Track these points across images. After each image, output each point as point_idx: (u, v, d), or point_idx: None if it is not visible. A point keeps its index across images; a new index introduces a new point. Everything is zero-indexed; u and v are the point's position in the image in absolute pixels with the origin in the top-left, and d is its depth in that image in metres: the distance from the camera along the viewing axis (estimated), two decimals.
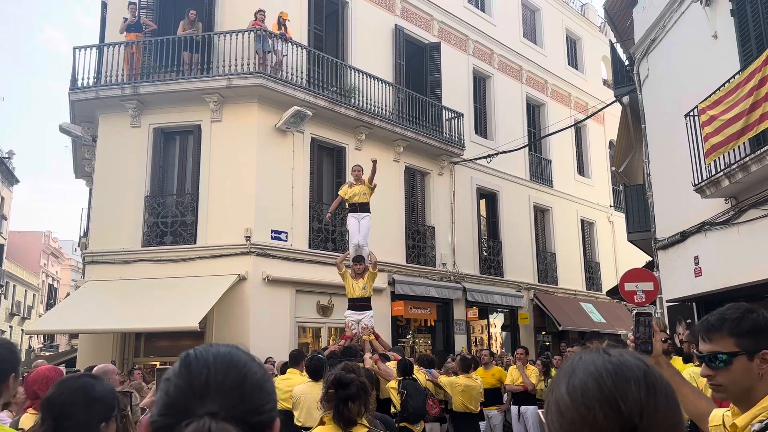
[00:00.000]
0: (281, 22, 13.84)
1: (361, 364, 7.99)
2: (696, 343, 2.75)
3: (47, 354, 36.32)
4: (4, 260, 39.66)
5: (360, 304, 9.12)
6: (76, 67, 13.75)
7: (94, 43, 14.70)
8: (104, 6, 15.63)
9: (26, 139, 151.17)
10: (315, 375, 5.98)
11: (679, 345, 6.69)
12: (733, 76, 8.39)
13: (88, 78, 13.74)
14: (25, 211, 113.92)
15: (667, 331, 8.32)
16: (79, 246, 25.50)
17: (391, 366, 7.67)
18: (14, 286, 43.42)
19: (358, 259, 9.26)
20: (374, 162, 9.98)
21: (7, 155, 39.77)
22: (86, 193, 17.43)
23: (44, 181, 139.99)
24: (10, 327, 41.64)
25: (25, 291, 45.89)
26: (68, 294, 35.07)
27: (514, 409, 10.06)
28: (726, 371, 1.87)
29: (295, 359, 7.26)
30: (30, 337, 45.62)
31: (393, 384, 7.10)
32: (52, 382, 3.74)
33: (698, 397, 2.34)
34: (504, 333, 19.95)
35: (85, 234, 18.09)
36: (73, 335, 25.36)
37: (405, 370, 7.09)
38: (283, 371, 7.84)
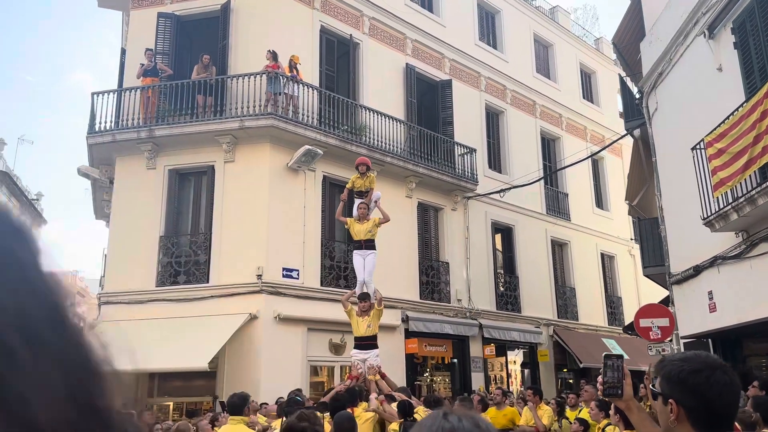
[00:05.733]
0: (293, 65, 14.13)
1: (365, 404, 7.92)
2: None
3: None
4: None
5: (366, 342, 9.03)
6: (95, 112, 14.16)
7: (115, 87, 15.16)
8: (123, 52, 16.15)
9: (53, 180, 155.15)
10: (234, 411, 5.89)
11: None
12: (737, 109, 8.31)
13: (107, 122, 14.12)
14: (52, 250, 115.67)
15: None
16: (100, 286, 25.83)
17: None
18: None
19: (363, 296, 9.20)
20: (387, 220, 9.95)
21: (35, 197, 40.76)
22: (107, 234, 17.68)
23: (71, 221, 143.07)
24: None
25: None
26: None
27: None
28: (658, 406, 1.97)
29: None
30: None
31: (394, 426, 6.97)
32: None
33: None
34: (524, 371, 19.57)
35: (104, 275, 18.35)
36: None
37: (405, 411, 6.96)
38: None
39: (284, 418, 4.85)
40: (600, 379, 2.40)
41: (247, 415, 6.02)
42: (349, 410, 6.48)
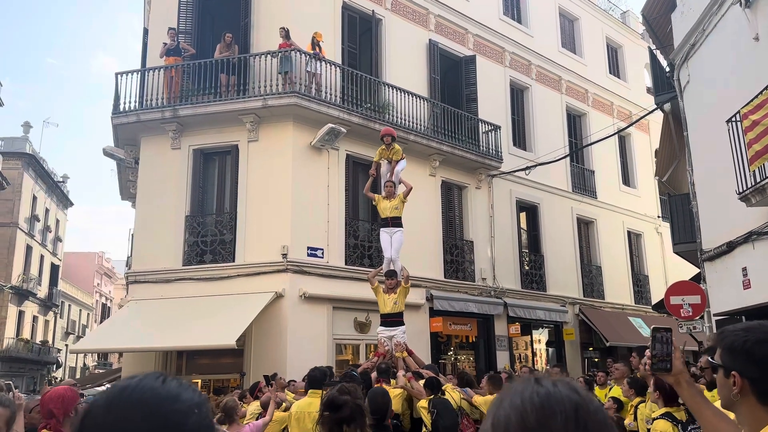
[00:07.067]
0: (315, 43, 13.99)
1: (393, 381, 7.90)
2: None
3: (100, 371, 37.38)
4: (59, 281, 41.11)
5: (392, 320, 9.01)
6: (119, 92, 14.19)
7: (138, 68, 15.16)
8: (146, 32, 16.14)
9: (80, 163, 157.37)
10: (314, 384, 5.94)
11: (699, 372, 6.14)
12: None
13: (131, 102, 14.15)
14: (79, 232, 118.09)
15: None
16: (127, 266, 26.28)
17: None
18: (69, 305, 44.91)
19: (390, 273, 9.18)
20: (410, 189, 9.93)
21: (61, 179, 41.34)
22: (133, 215, 17.94)
23: (97, 203, 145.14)
24: (66, 345, 43.00)
25: (80, 310, 47.41)
26: None
27: None
28: (718, 379, 1.91)
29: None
30: (84, 355, 47.00)
31: (423, 403, 6.95)
32: (68, 401, 3.78)
33: (720, 419, 2.19)
34: (549, 349, 19.48)
35: (131, 255, 18.56)
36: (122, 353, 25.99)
37: (433, 387, 6.93)
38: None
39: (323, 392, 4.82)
40: (648, 352, 2.30)
41: (323, 390, 6.11)
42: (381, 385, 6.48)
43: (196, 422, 0.93)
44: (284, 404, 7.52)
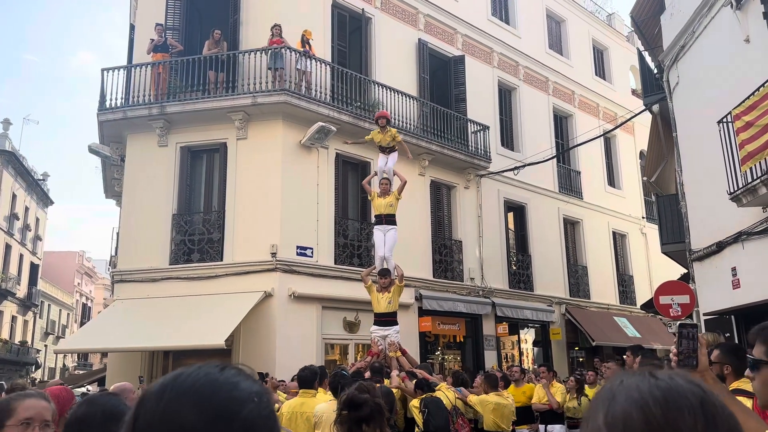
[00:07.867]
0: (305, 41, 13.89)
1: (387, 381, 7.85)
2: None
3: (81, 372, 36.84)
4: (39, 280, 40.46)
5: (386, 319, 8.96)
6: (105, 89, 13.98)
7: (123, 64, 14.94)
8: (132, 28, 15.93)
9: (60, 161, 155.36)
10: (305, 384, 5.95)
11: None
12: None
13: (116, 99, 13.94)
14: (59, 231, 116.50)
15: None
16: (110, 265, 25.88)
17: None
18: (49, 305, 44.22)
19: (384, 272, 9.12)
20: (405, 183, 9.99)
21: (41, 177, 40.70)
22: (117, 213, 17.69)
23: (78, 201, 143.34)
24: (45, 346, 42.36)
25: (60, 310, 46.70)
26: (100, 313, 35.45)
27: (541, 428, 9.77)
28: (757, 376, 1.87)
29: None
30: (64, 356, 46.33)
31: (415, 402, 6.90)
32: (63, 401, 3.65)
33: (747, 417, 2.15)
34: (536, 349, 19.55)
35: (116, 253, 18.30)
36: (105, 354, 25.60)
37: (422, 387, 6.89)
38: None
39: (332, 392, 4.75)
40: (674, 349, 2.26)
41: (316, 389, 6.06)
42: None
43: (254, 411, 0.86)
44: (276, 405, 7.43)
